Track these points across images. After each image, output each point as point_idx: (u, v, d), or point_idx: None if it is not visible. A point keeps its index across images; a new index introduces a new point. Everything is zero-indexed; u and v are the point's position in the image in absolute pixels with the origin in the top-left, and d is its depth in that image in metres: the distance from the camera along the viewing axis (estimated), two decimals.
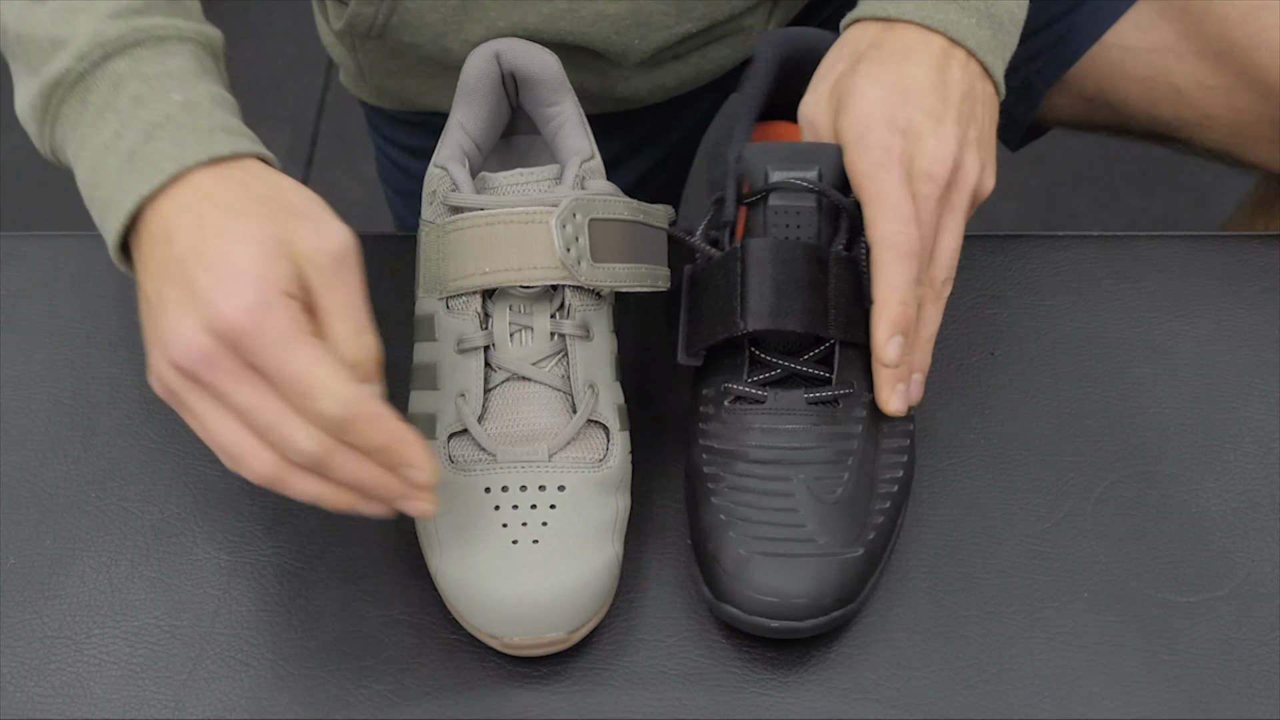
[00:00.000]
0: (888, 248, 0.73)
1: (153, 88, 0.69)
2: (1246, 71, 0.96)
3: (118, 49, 0.69)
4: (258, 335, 0.63)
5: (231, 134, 0.69)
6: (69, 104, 0.70)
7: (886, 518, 0.74)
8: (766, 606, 0.70)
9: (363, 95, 1.07)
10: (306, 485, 0.65)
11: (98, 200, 0.69)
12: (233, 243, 0.64)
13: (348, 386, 0.63)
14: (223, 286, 0.63)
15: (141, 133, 0.68)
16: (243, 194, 0.66)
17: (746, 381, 0.75)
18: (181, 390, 0.66)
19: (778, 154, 0.77)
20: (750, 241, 0.75)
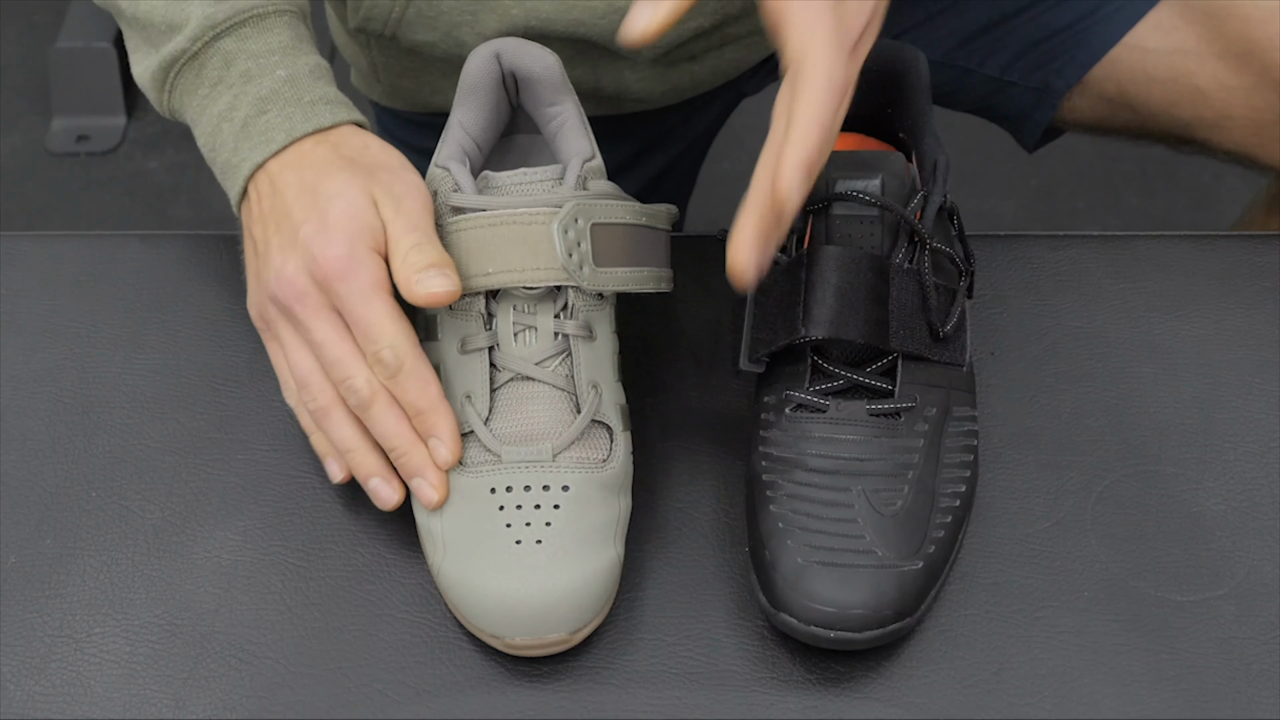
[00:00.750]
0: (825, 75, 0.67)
1: (259, 64, 0.79)
2: (1268, 72, 0.97)
3: (225, 29, 0.79)
4: (344, 281, 0.73)
5: (331, 104, 0.79)
6: (185, 77, 0.80)
7: (947, 532, 0.73)
8: (823, 617, 0.70)
9: (375, 96, 1.07)
10: (345, 429, 0.75)
11: (218, 162, 0.80)
12: (327, 197, 0.75)
13: (408, 342, 0.73)
14: (321, 237, 0.74)
15: (253, 106, 0.78)
16: (334, 155, 0.77)
17: (808, 390, 0.75)
18: (275, 320, 0.77)
19: (841, 163, 0.77)
20: (816, 249, 0.75)
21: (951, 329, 0.77)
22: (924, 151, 0.82)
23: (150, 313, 0.88)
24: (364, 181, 0.75)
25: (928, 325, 0.76)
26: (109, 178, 1.97)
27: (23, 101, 2.07)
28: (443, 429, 0.74)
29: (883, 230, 0.77)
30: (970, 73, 1.06)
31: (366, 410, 0.74)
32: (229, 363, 0.85)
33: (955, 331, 0.77)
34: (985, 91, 1.07)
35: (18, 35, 2.15)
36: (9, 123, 2.03)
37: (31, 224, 1.90)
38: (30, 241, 0.92)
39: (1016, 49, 1.04)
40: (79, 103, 2.02)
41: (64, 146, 2.00)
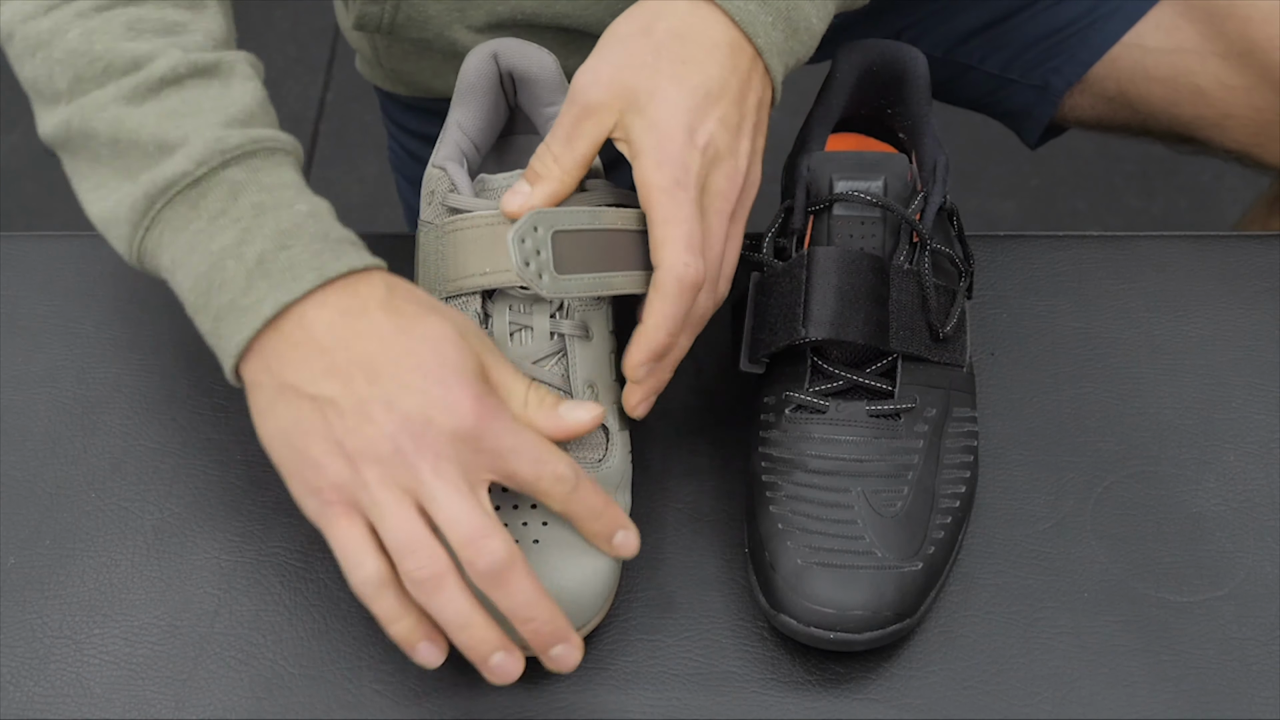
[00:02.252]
0: (673, 277, 0.70)
1: (274, 197, 0.70)
2: (1268, 72, 0.97)
3: (236, 158, 0.71)
4: (496, 422, 0.67)
5: (357, 246, 0.71)
6: (175, 208, 0.71)
7: (947, 533, 0.73)
8: (823, 618, 0.70)
9: (377, 81, 1.08)
10: (461, 601, 0.66)
11: (213, 306, 0.70)
12: (430, 343, 0.68)
13: (566, 456, 0.69)
14: (451, 385, 0.67)
15: (271, 240, 0.69)
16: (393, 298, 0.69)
17: (808, 391, 0.75)
18: (376, 484, 0.66)
19: (843, 163, 0.77)
20: (816, 250, 0.75)
21: (951, 329, 0.77)
22: (924, 152, 0.82)
23: (150, 313, 0.88)
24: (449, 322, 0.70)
25: (928, 326, 0.76)
26: None
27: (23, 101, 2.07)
28: (627, 521, 0.71)
29: (883, 231, 0.77)
30: (971, 70, 1.07)
31: (502, 576, 0.66)
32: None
33: (955, 332, 0.77)
34: (986, 89, 1.07)
35: None
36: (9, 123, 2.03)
37: (31, 224, 1.90)
38: (30, 241, 0.92)
39: (1017, 47, 1.04)
40: None
41: None
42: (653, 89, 0.72)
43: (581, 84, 0.73)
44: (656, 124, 0.71)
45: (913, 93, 0.84)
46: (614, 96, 0.72)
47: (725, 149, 0.72)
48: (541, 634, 0.67)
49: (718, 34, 0.74)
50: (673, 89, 0.72)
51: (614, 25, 0.75)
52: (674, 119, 0.71)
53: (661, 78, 0.72)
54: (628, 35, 0.74)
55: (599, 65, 0.73)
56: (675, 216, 0.70)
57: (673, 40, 0.73)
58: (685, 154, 0.71)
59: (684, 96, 0.71)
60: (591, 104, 0.72)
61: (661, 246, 0.70)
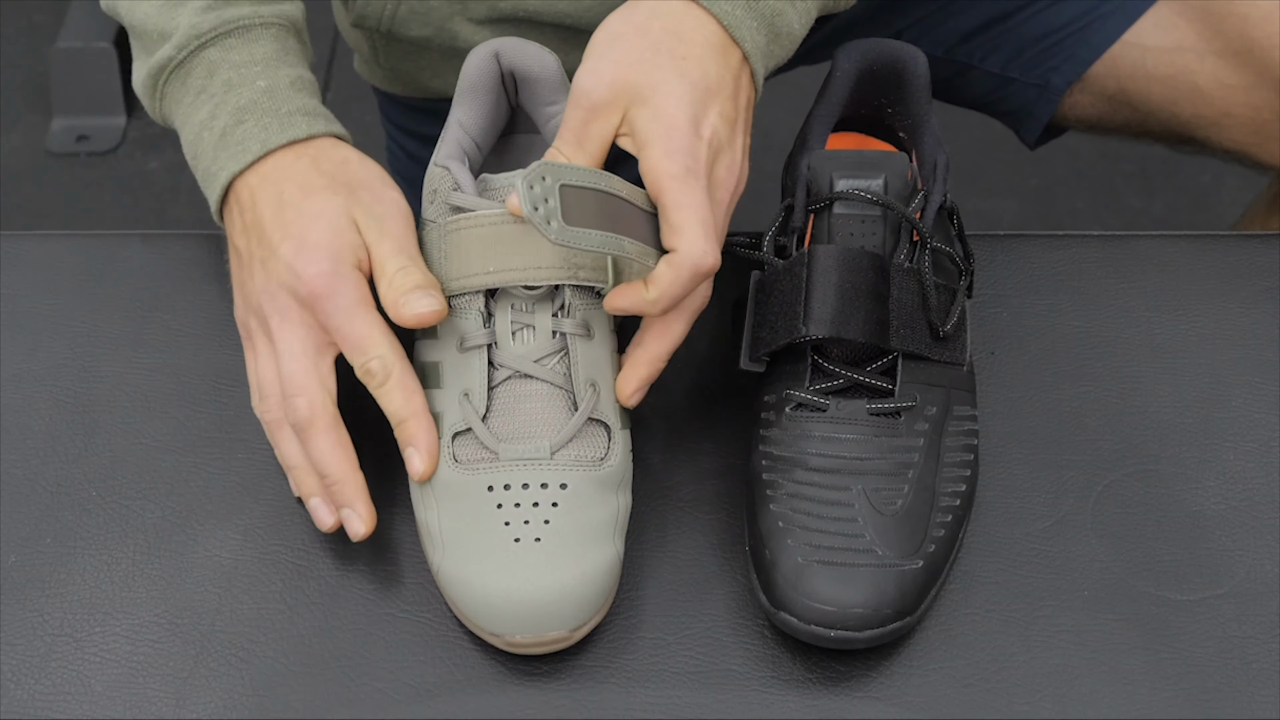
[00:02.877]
0: (691, 262, 0.71)
1: (241, 74, 0.79)
2: (1267, 71, 0.97)
3: (211, 39, 0.80)
4: (330, 299, 0.74)
5: (308, 116, 0.79)
6: (172, 85, 0.81)
7: (947, 531, 0.73)
8: (823, 616, 0.70)
9: (376, 81, 1.08)
10: (289, 445, 0.76)
11: (199, 170, 0.80)
12: (308, 216, 0.75)
13: (395, 353, 0.74)
14: (302, 255, 0.74)
15: (232, 116, 0.78)
16: (313, 170, 0.77)
17: (809, 389, 0.75)
18: (254, 330, 0.78)
19: (844, 161, 0.77)
20: (817, 248, 0.75)
21: (951, 328, 0.77)
22: (924, 151, 0.82)
23: (150, 313, 0.88)
24: (344, 200, 0.76)
25: (928, 325, 0.76)
26: (109, 178, 1.97)
27: (23, 101, 2.07)
28: (421, 440, 0.74)
29: (884, 229, 0.77)
30: (971, 69, 1.07)
31: (304, 432, 0.75)
32: (229, 363, 0.85)
33: (955, 331, 0.77)
34: (986, 88, 1.07)
35: (18, 35, 2.15)
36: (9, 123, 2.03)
37: (31, 224, 1.90)
38: (30, 241, 0.92)
39: (1017, 45, 1.04)
40: (79, 103, 2.01)
41: (64, 146, 2.00)
42: (656, 82, 0.73)
43: (585, 85, 0.74)
44: (663, 115, 0.73)
45: (913, 92, 0.84)
46: (618, 94, 0.74)
47: (725, 142, 0.74)
48: (333, 491, 0.75)
49: (709, 34, 0.75)
50: (676, 82, 0.73)
51: (608, 24, 0.76)
52: (679, 110, 0.73)
53: (664, 72, 0.74)
54: (625, 34, 0.75)
55: (599, 65, 0.74)
56: (690, 203, 0.72)
57: (669, 38, 0.75)
58: (693, 144, 0.73)
59: (687, 90, 0.73)
60: (597, 104, 0.74)
61: (680, 231, 0.71)
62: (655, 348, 0.75)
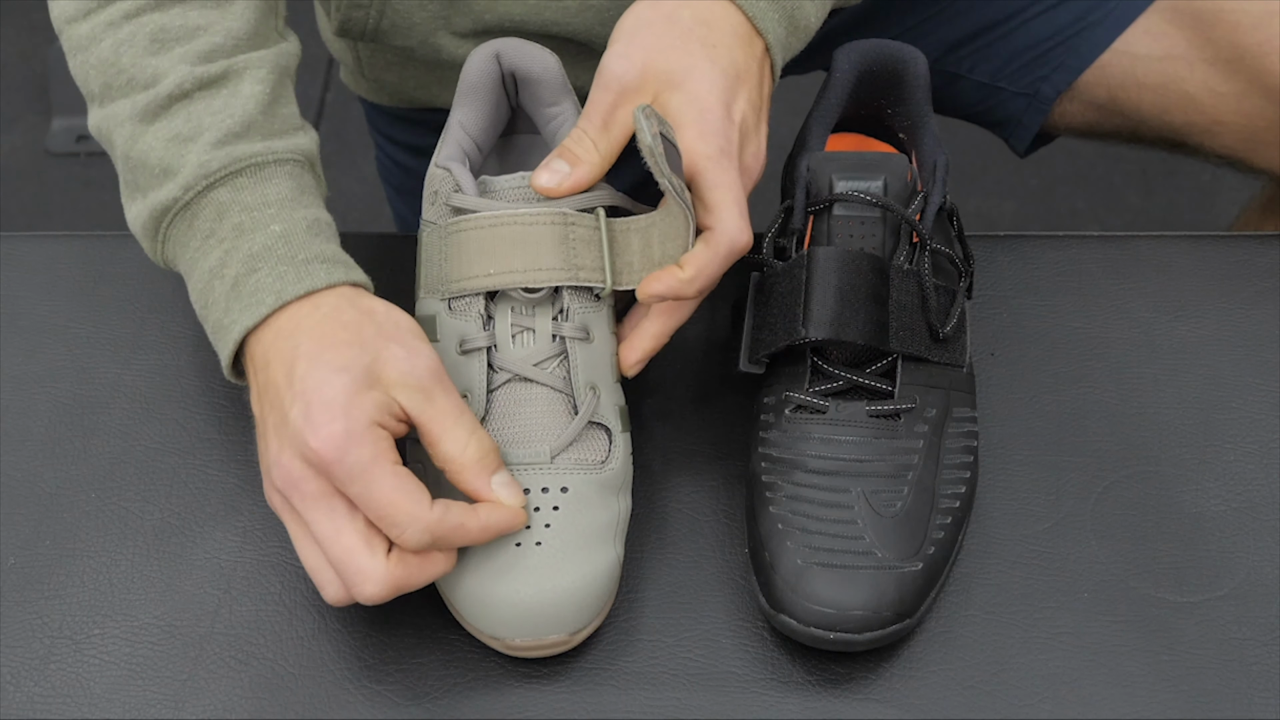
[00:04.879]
0: (728, 239, 0.73)
1: (253, 217, 0.73)
2: (1258, 78, 0.97)
3: (220, 179, 0.74)
4: (342, 464, 0.67)
5: (327, 263, 0.73)
6: (177, 227, 0.75)
7: (947, 533, 0.73)
8: (823, 618, 0.70)
9: (362, 92, 1.08)
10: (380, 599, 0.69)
11: (209, 321, 0.74)
12: (322, 373, 0.68)
13: (427, 512, 0.67)
14: (312, 417, 0.67)
15: (244, 264, 0.72)
16: (333, 322, 0.70)
17: (808, 391, 0.75)
18: (281, 509, 0.71)
19: (843, 163, 0.77)
20: (816, 250, 0.75)
21: (951, 330, 0.77)
22: (924, 152, 0.82)
23: (150, 313, 0.88)
24: (368, 358, 0.69)
25: (928, 326, 0.76)
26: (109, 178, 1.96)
27: (23, 101, 2.07)
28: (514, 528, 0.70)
29: (884, 231, 0.76)
30: (960, 78, 1.07)
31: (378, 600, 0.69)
32: None
33: (955, 332, 0.77)
34: (975, 97, 1.07)
35: (18, 35, 2.15)
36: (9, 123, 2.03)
37: (31, 224, 1.90)
38: (30, 241, 0.92)
39: (1006, 55, 1.04)
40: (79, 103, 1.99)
41: (64, 146, 2.00)
42: (688, 67, 0.74)
43: (615, 69, 0.75)
44: (697, 98, 0.74)
45: (912, 93, 0.84)
46: (648, 79, 0.75)
47: (752, 128, 0.76)
48: None
49: (735, 24, 0.77)
50: (708, 67, 0.74)
51: (636, 11, 0.77)
52: (712, 94, 0.74)
53: (695, 58, 0.75)
54: (654, 20, 0.76)
55: (629, 50, 0.75)
56: (726, 182, 0.73)
57: (699, 26, 0.76)
58: (726, 127, 0.74)
59: (718, 75, 0.74)
60: (627, 87, 0.75)
61: (717, 209, 0.73)
62: (665, 323, 0.76)
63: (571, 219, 0.75)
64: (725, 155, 0.73)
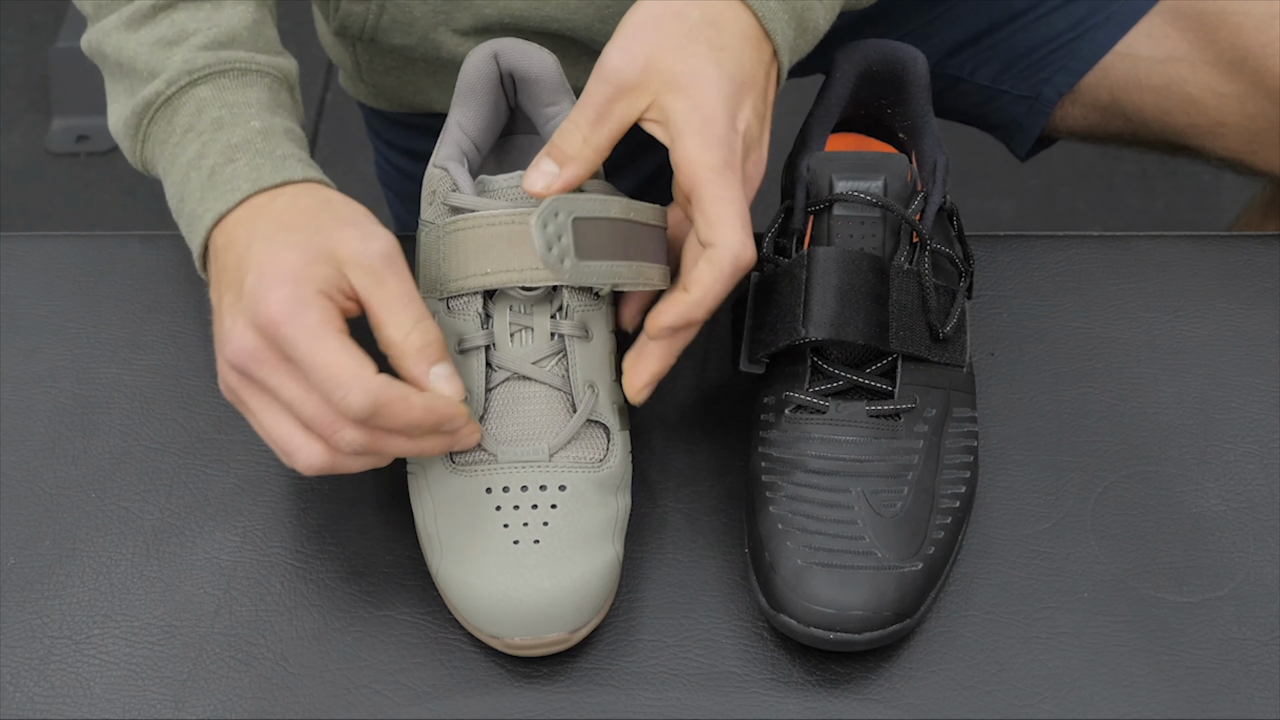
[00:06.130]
0: (731, 255, 0.70)
1: (233, 113, 0.75)
2: (1261, 80, 0.97)
3: (203, 76, 0.76)
4: (289, 325, 0.67)
5: (303, 164, 0.74)
6: (157, 124, 0.77)
7: (947, 533, 0.73)
8: (823, 618, 0.70)
9: (361, 96, 1.07)
10: (357, 464, 0.70)
11: (184, 214, 0.75)
12: (275, 248, 0.69)
13: (371, 377, 0.67)
14: (263, 284, 0.68)
15: (222, 154, 0.74)
16: (291, 208, 0.72)
17: (808, 391, 0.75)
18: (239, 388, 0.71)
19: (844, 163, 0.77)
20: (816, 250, 0.75)
21: (951, 330, 0.77)
22: (924, 151, 0.82)
23: (150, 313, 0.88)
24: (323, 238, 0.70)
25: (928, 326, 0.76)
26: (109, 178, 1.97)
27: (23, 101, 2.07)
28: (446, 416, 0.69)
29: (884, 231, 0.76)
30: (961, 82, 1.07)
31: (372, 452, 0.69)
32: None
33: (955, 332, 0.77)
34: (977, 100, 1.07)
35: (18, 35, 2.15)
36: (9, 123, 2.03)
37: (31, 224, 1.90)
38: (30, 241, 0.92)
39: (1007, 58, 1.04)
40: (79, 103, 2.01)
41: (64, 146, 2.00)
42: (693, 70, 0.72)
43: (616, 62, 0.72)
44: (701, 104, 0.71)
45: (913, 93, 0.84)
46: (649, 77, 0.72)
47: (756, 137, 0.74)
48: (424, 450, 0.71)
49: (745, 25, 0.74)
50: (714, 71, 0.72)
51: (644, 5, 0.74)
52: (717, 101, 0.71)
53: (701, 60, 0.72)
54: (662, 17, 0.73)
55: (632, 45, 0.73)
56: (729, 195, 0.70)
57: (707, 26, 0.73)
58: (730, 137, 0.71)
59: (725, 81, 0.72)
60: (626, 84, 0.72)
61: (718, 224, 0.70)
62: (671, 344, 0.74)
63: None
64: (729, 167, 0.71)
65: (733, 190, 0.71)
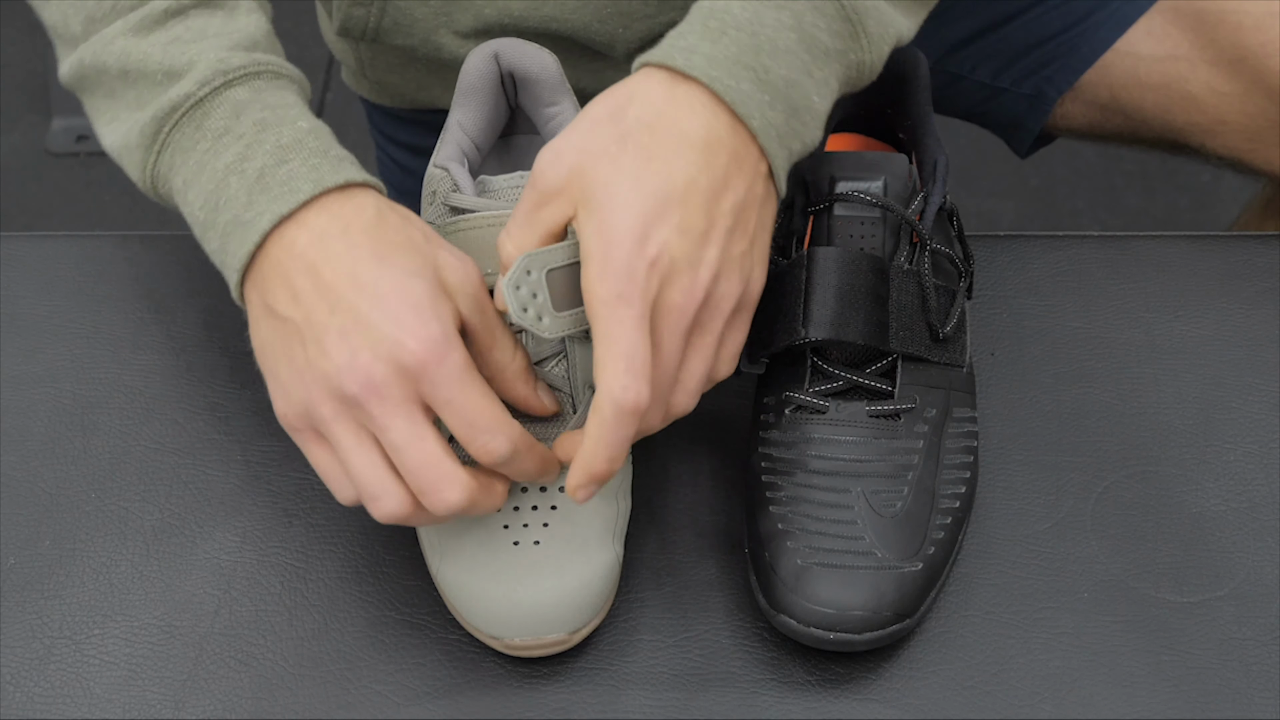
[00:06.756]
0: (609, 401, 0.64)
1: (277, 114, 0.71)
2: (1261, 78, 0.97)
3: (239, 78, 0.72)
4: (440, 368, 0.65)
5: (354, 164, 0.71)
6: (182, 130, 0.72)
7: (947, 533, 0.73)
8: (823, 618, 0.70)
9: (363, 92, 1.08)
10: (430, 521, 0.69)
11: (219, 224, 0.70)
12: (397, 276, 0.66)
13: (513, 423, 0.67)
14: (403, 320, 0.65)
15: (271, 155, 0.69)
16: (382, 225, 0.68)
17: (808, 391, 0.75)
18: (334, 420, 0.67)
19: (843, 163, 0.77)
20: (816, 250, 0.75)
21: (951, 330, 0.77)
22: (924, 151, 0.82)
23: (150, 313, 0.88)
24: (430, 263, 0.68)
25: (927, 326, 0.76)
26: (109, 178, 1.97)
27: (23, 101, 2.07)
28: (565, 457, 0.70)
29: (884, 231, 0.76)
30: (961, 79, 1.07)
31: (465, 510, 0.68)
32: (229, 363, 0.85)
33: (955, 332, 0.77)
34: (977, 98, 1.07)
35: (18, 35, 2.15)
36: (9, 123, 2.03)
37: (31, 224, 1.90)
38: (30, 241, 0.92)
39: (1008, 56, 1.04)
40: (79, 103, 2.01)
41: (64, 146, 2.00)
42: (608, 186, 0.66)
43: (541, 165, 0.67)
44: (604, 229, 0.65)
45: (913, 93, 0.84)
46: (570, 185, 0.67)
47: (682, 259, 0.66)
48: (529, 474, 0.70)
49: (694, 125, 0.67)
50: (628, 190, 0.65)
51: (591, 104, 0.69)
52: (623, 226, 0.65)
53: (621, 174, 0.66)
54: (597, 118, 0.68)
55: (562, 147, 0.67)
56: (613, 334, 0.64)
57: (641, 131, 0.67)
58: (632, 264, 0.65)
59: (639, 200, 0.65)
60: (548, 190, 0.67)
61: (599, 367, 0.65)
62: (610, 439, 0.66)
63: None
64: (621, 300, 0.64)
65: (618, 328, 0.64)
